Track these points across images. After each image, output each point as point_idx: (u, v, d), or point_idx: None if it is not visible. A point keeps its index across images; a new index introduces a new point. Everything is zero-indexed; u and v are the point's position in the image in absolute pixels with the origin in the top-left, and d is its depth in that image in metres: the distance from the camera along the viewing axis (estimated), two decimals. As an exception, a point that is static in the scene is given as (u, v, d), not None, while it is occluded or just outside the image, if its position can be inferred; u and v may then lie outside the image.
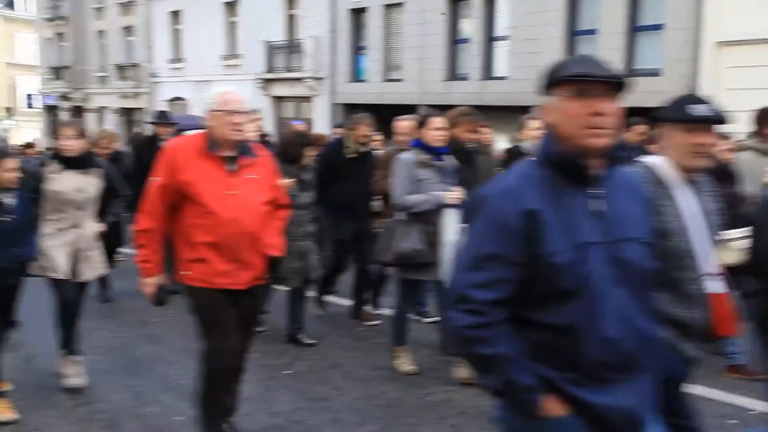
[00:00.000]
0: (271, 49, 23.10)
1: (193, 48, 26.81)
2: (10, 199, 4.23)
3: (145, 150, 7.02)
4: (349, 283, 6.68)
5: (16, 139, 15.82)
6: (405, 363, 5.06)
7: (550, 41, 15.59)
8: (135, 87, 29.88)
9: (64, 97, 34.32)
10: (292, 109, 23.60)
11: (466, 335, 1.88)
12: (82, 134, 4.86)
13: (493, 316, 1.86)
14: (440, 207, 4.64)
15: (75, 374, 4.79)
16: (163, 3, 27.86)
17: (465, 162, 4.96)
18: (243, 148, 3.56)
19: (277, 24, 23.14)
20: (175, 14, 27.61)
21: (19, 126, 41.00)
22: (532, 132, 5.33)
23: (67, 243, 4.71)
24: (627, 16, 14.52)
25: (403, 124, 5.94)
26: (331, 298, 6.84)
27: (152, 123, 7.58)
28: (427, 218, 4.67)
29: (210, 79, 25.83)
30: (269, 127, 22.08)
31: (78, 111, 33.46)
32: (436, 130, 4.70)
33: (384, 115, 9.47)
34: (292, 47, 22.59)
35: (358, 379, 5.00)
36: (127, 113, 31.31)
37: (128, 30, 30.36)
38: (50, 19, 34.43)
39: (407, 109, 8.25)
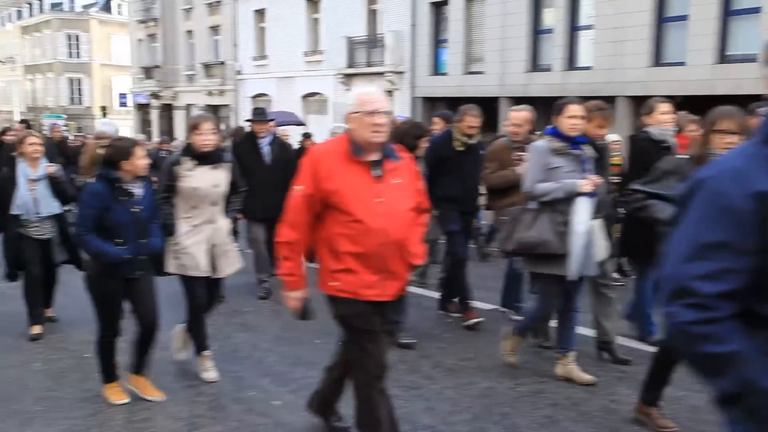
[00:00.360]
0: (352, 44, 23.38)
1: (276, 45, 27.43)
2: (139, 189, 4.27)
3: (244, 148, 7.19)
4: (440, 275, 6.75)
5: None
6: (511, 355, 5.00)
7: (636, 29, 15.17)
8: (220, 84, 30.84)
9: (154, 95, 35.77)
10: (373, 104, 23.77)
11: (691, 332, 1.65)
12: (217, 129, 4.88)
13: (722, 310, 1.63)
14: (573, 196, 4.40)
15: (210, 368, 4.95)
16: (248, 2, 28.62)
17: (595, 158, 4.75)
18: (387, 151, 3.36)
19: (358, 19, 23.40)
20: (260, 12, 28.31)
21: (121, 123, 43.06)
22: (663, 116, 5.13)
23: (205, 240, 4.69)
24: (720, 1, 13.97)
25: (518, 114, 5.91)
26: (419, 290, 6.94)
27: (250, 121, 7.38)
28: (558, 207, 4.45)
29: (292, 75, 26.44)
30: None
31: (167, 109, 34.82)
32: (572, 119, 4.47)
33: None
34: (373, 42, 22.80)
35: (447, 369, 5.09)
36: (213, 110, 32.34)
37: (215, 29, 31.36)
38: (143, 21, 35.93)
39: (488, 101, 8.26)
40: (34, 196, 5.73)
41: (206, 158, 4.69)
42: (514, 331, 5.00)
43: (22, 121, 15.91)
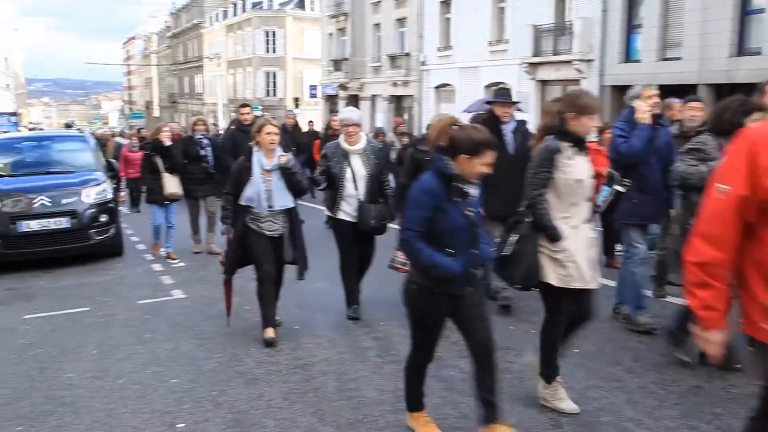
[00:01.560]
0: (539, 32, 22.96)
1: (460, 35, 27.60)
2: (474, 190, 3.54)
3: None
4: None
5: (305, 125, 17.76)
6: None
7: None
8: (405, 75, 31.60)
9: (342, 86, 37.41)
10: (558, 93, 23.26)
11: None
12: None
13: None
14: None
15: (564, 397, 4.21)
16: (434, -7, 29.04)
17: None
18: None
19: (545, 7, 22.93)
20: (445, 3, 28.61)
21: (303, 114, 45.59)
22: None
23: (586, 244, 3.97)
24: None
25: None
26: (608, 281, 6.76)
27: (492, 102, 6.41)
28: None
29: (476, 65, 26.48)
30: (533, 112, 22.09)
31: (353, 99, 36.26)
32: None
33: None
34: (561, 29, 22.24)
35: (650, 363, 4.94)
36: (397, 100, 33.23)
37: (401, 21, 32.16)
38: (333, 16, 37.68)
39: (684, 89, 7.81)
40: (268, 187, 5.51)
41: (584, 144, 3.97)
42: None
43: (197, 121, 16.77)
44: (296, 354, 5.38)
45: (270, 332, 5.61)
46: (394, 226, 6.10)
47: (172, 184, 9.17)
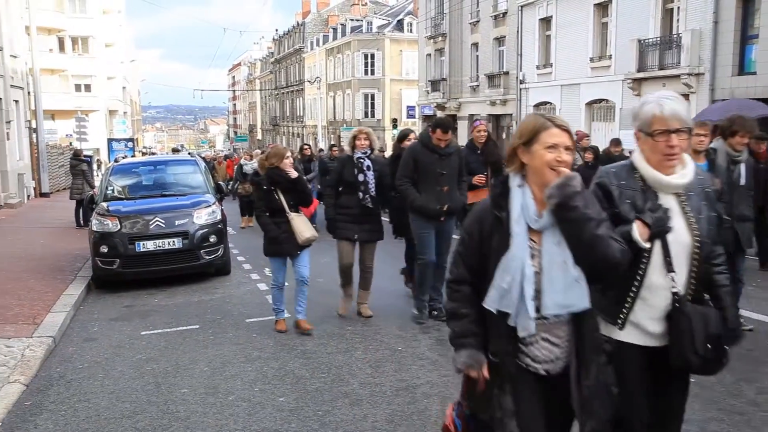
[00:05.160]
0: (644, 46, 22.24)
1: (561, 52, 27.13)
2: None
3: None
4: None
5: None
6: None
7: None
8: (503, 94, 31.34)
9: (439, 106, 37.50)
10: (665, 108, 22.39)
11: None
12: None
13: None
14: None
15: None
16: (534, 11, 28.73)
17: None
18: None
19: (651, 20, 22.20)
20: (546, 21, 28.23)
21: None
22: None
23: None
24: None
25: None
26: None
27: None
28: None
29: (577, 82, 25.93)
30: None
31: (451, 119, 36.26)
32: None
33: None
34: (668, 43, 21.45)
35: (776, 397, 4.63)
36: (495, 120, 32.97)
37: (499, 40, 31.98)
38: (431, 37, 37.95)
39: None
40: (537, 268, 4.92)
41: None
42: None
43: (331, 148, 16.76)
44: (400, 376, 5.38)
45: None
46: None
47: (305, 226, 6.67)
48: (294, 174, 6.67)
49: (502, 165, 8.41)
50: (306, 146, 8.45)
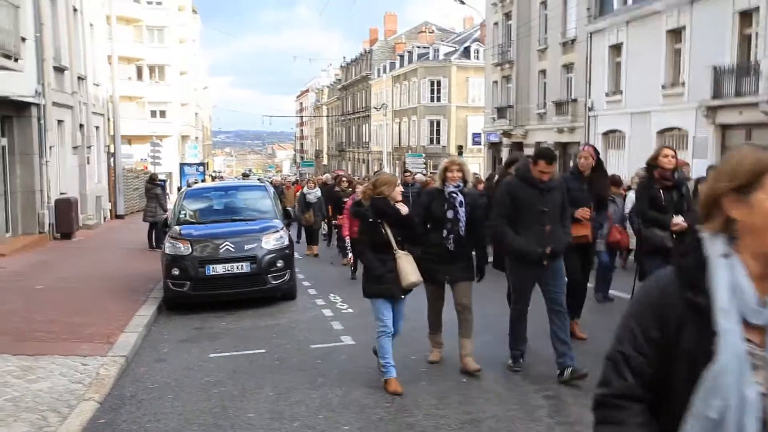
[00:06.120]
0: (719, 73, 21.61)
1: (631, 79, 26.63)
2: None
3: None
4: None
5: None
6: None
7: None
8: (571, 122, 30.94)
9: (506, 133, 37.28)
10: (741, 138, 21.64)
11: None
12: None
13: None
14: None
15: None
16: (604, 37, 28.35)
17: None
18: None
19: (727, 47, 21.59)
20: (616, 48, 27.81)
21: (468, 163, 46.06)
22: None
23: None
24: None
25: None
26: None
27: None
28: None
29: (648, 109, 25.37)
30: (712, 157, 20.70)
31: (518, 146, 35.97)
32: None
33: None
34: (745, 69, 20.80)
35: None
36: (562, 147, 32.53)
37: (568, 67, 31.66)
38: (498, 64, 37.88)
39: None
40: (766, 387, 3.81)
41: None
42: None
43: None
44: (465, 408, 5.31)
45: None
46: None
47: (411, 268, 5.93)
48: (405, 210, 5.97)
49: (607, 199, 7.69)
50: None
